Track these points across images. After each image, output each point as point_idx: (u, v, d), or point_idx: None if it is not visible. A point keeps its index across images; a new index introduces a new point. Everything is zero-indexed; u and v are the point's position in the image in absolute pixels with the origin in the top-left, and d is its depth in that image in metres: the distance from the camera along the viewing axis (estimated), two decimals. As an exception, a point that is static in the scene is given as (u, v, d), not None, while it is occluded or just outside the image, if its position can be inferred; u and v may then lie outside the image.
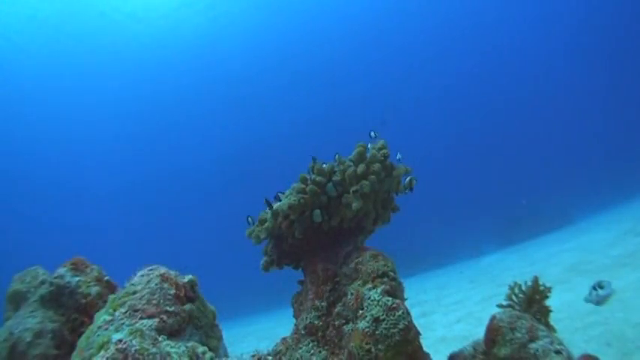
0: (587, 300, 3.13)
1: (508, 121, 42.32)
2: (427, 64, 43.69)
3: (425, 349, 2.98)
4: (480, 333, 2.96)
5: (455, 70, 43.61)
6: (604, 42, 38.85)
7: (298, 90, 43.51)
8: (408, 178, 3.90)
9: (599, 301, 3.01)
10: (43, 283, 3.37)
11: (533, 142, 38.67)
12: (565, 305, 6.41)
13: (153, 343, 2.01)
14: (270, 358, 2.19)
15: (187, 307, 2.48)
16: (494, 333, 2.77)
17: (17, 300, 3.48)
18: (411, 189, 3.89)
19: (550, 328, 3.30)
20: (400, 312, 2.78)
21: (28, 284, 3.53)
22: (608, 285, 3.03)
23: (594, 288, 3.07)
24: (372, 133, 4.19)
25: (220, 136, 45.43)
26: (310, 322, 3.44)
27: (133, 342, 1.95)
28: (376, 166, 3.59)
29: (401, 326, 2.73)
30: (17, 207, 40.37)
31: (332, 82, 43.32)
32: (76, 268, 3.42)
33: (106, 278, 3.46)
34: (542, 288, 3.50)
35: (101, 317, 2.27)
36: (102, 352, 1.92)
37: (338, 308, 3.33)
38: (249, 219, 4.09)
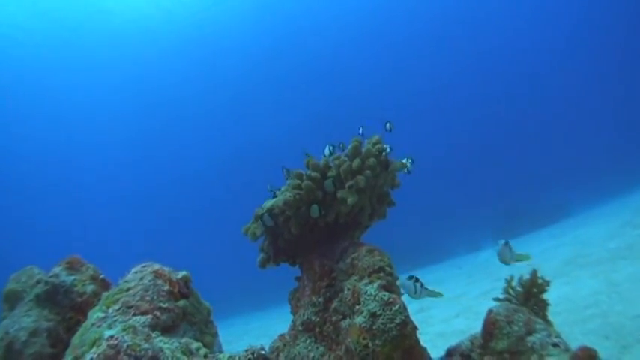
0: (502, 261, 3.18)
1: (505, 116, 42.41)
2: (426, 61, 43.71)
3: (423, 343, 2.98)
4: (478, 327, 2.95)
5: (453, 67, 43.66)
6: (600, 37, 38.93)
7: (295, 89, 43.48)
8: (405, 160, 3.86)
9: (504, 259, 3.03)
10: (38, 282, 3.37)
11: (530, 137, 38.75)
12: (563, 298, 6.42)
13: (145, 339, 2.00)
14: (263, 352, 2.17)
15: (181, 303, 2.47)
16: (491, 326, 2.77)
17: (13, 299, 3.48)
18: (409, 171, 3.85)
19: (547, 321, 3.30)
20: (397, 307, 2.77)
21: (24, 283, 3.53)
22: (500, 242, 3.06)
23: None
24: (388, 125, 4.16)
25: (217, 134, 45.39)
26: (307, 318, 3.43)
27: (125, 338, 1.94)
28: (371, 161, 3.58)
29: (398, 321, 2.72)
30: (14, 206, 40.27)
31: (331, 80, 43.30)
32: (72, 267, 3.41)
33: (102, 276, 3.45)
34: (540, 281, 3.49)
35: (95, 314, 2.26)
36: (94, 349, 1.91)
37: (335, 304, 3.32)
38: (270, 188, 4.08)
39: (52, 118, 39.40)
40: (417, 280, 3.12)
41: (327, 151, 3.96)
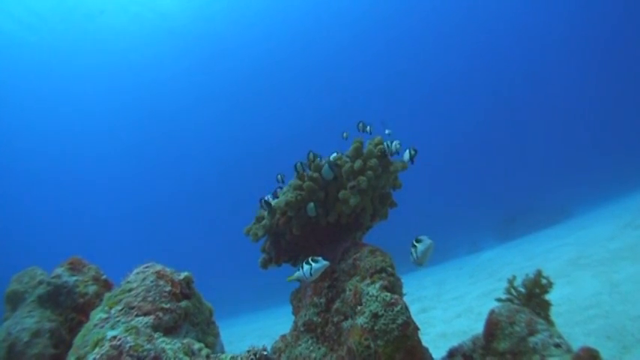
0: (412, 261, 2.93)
1: (505, 116, 42.42)
2: (427, 63, 43.71)
3: (425, 344, 2.97)
4: (479, 328, 2.95)
5: (454, 69, 43.66)
6: (601, 38, 38.91)
7: (296, 90, 43.53)
8: (406, 151, 3.81)
9: (420, 259, 2.84)
10: (40, 283, 3.36)
11: (532, 138, 38.76)
12: (565, 299, 6.41)
13: (148, 340, 2.00)
14: (265, 352, 2.17)
15: (183, 304, 2.47)
16: (493, 327, 2.76)
17: (15, 300, 3.47)
18: (412, 161, 3.80)
19: (549, 321, 3.29)
20: (399, 307, 2.77)
21: (26, 284, 3.53)
22: (425, 239, 2.84)
23: (413, 245, 2.85)
24: (345, 134, 4.18)
25: (219, 136, 45.47)
26: (309, 319, 3.43)
27: (128, 339, 1.94)
28: (373, 162, 3.58)
29: (399, 322, 2.71)
30: (16, 207, 40.34)
31: (332, 82, 43.33)
32: (74, 268, 3.41)
33: (104, 277, 3.45)
34: (544, 282, 3.48)
35: (97, 315, 2.27)
36: (96, 349, 1.91)
37: (337, 304, 3.32)
38: (279, 176, 4.10)
39: (55, 119, 39.47)
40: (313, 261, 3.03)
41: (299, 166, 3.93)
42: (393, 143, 3.74)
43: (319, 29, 40.35)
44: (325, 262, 2.94)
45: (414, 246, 2.85)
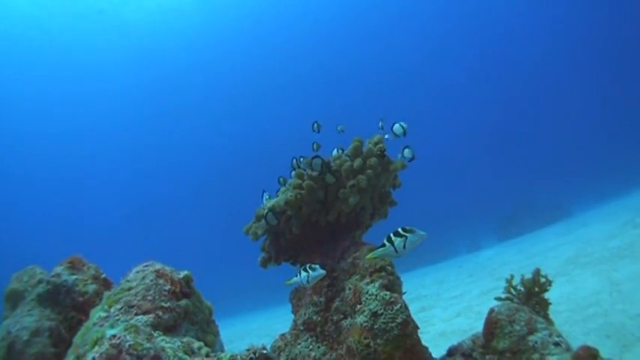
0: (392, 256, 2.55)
1: (505, 115, 42.40)
2: (427, 63, 43.67)
3: (425, 343, 2.97)
4: (479, 327, 2.94)
5: (453, 69, 43.61)
6: (599, 36, 38.87)
7: (297, 90, 43.48)
8: (405, 149, 3.77)
9: (407, 249, 2.52)
10: (40, 282, 3.36)
11: (531, 136, 38.76)
12: (564, 298, 6.41)
13: (147, 339, 2.00)
14: (265, 351, 2.17)
15: (183, 302, 2.46)
16: (492, 326, 2.76)
17: (15, 299, 3.47)
18: (411, 159, 3.74)
19: (549, 320, 3.29)
20: (398, 306, 2.77)
21: (26, 283, 3.52)
22: (417, 231, 2.56)
23: (399, 234, 2.47)
24: (380, 123, 4.18)
25: (219, 135, 45.43)
26: (309, 318, 3.43)
27: (127, 337, 1.94)
28: (373, 161, 3.57)
29: (399, 320, 2.72)
30: (15, 206, 40.31)
31: (333, 81, 43.29)
32: (73, 267, 3.41)
33: (103, 276, 3.45)
34: (542, 280, 3.48)
35: (96, 314, 2.26)
36: (96, 348, 1.90)
37: (336, 303, 3.32)
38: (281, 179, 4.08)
39: (55, 118, 39.46)
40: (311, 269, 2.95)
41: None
42: (405, 151, 3.74)
43: (321, 28, 40.32)
44: (322, 271, 2.93)
45: (401, 235, 2.61)
